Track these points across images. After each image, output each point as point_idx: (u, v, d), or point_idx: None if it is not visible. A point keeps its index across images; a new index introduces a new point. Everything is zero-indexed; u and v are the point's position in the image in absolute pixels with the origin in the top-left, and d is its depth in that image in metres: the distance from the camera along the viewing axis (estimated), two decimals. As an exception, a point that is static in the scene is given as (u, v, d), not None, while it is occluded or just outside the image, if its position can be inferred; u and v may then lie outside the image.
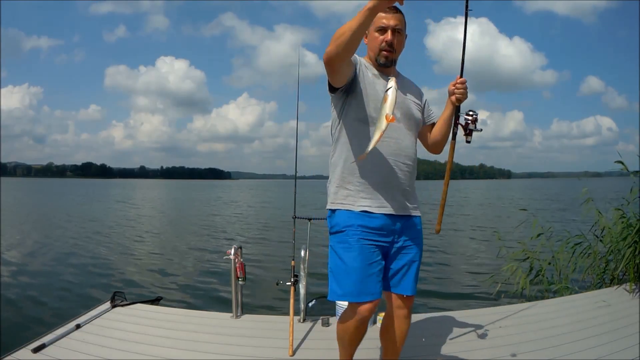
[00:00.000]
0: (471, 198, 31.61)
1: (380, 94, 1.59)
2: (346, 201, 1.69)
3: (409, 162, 1.74)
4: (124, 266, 6.95)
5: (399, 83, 1.66)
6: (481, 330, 2.53)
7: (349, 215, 1.68)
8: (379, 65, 1.73)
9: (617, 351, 2.17)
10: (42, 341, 2.31)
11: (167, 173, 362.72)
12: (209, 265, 7.06)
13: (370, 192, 1.68)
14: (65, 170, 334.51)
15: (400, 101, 1.65)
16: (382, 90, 1.58)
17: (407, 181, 1.74)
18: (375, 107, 1.63)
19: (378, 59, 1.72)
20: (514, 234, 7.74)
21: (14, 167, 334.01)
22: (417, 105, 1.81)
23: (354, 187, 1.69)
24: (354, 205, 1.67)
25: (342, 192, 1.70)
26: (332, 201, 1.73)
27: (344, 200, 1.69)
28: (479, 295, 5.00)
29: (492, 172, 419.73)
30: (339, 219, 1.69)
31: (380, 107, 1.52)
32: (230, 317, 2.84)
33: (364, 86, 1.67)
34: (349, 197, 1.69)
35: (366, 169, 1.67)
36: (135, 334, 2.53)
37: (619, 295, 3.11)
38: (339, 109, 1.71)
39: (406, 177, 1.73)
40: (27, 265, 6.90)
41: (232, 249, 2.89)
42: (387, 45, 1.69)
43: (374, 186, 1.68)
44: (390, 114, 1.48)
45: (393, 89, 1.50)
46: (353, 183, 1.69)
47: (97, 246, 8.86)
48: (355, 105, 1.66)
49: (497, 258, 5.50)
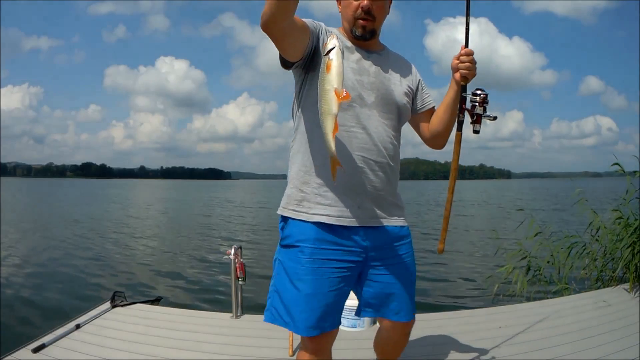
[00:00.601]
0: (470, 198, 31.62)
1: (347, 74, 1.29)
2: (300, 207, 1.36)
3: (383, 160, 1.38)
4: (124, 266, 6.95)
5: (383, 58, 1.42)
6: (482, 330, 2.53)
7: (303, 226, 1.34)
8: (356, 38, 1.38)
9: (617, 351, 2.16)
10: (42, 341, 2.31)
11: (167, 173, 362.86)
12: (209, 265, 7.06)
13: (329, 198, 1.34)
14: (65, 171, 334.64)
15: (375, 80, 1.37)
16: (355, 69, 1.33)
17: (382, 184, 1.38)
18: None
19: (353, 31, 1.37)
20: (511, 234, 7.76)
21: (14, 167, 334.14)
22: (406, 88, 1.45)
23: (310, 190, 1.35)
24: (309, 213, 1.34)
25: (297, 195, 1.37)
26: (285, 206, 1.40)
27: (297, 207, 1.36)
28: (478, 296, 5.00)
29: (492, 172, 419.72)
30: (291, 230, 1.36)
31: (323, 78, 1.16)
32: (230, 317, 2.84)
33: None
34: (304, 202, 1.36)
35: (326, 167, 1.28)
36: (135, 334, 2.53)
37: (619, 295, 3.10)
38: (298, 90, 1.38)
39: (379, 179, 1.37)
40: (27, 266, 6.89)
41: (232, 249, 2.89)
42: (364, 12, 1.34)
43: (335, 190, 1.34)
44: (340, 87, 1.12)
45: (336, 50, 1.12)
46: (310, 184, 1.36)
47: (97, 246, 8.86)
48: (316, 85, 1.25)
49: (495, 257, 5.51)
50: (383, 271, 1.42)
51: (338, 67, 1.12)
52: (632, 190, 3.67)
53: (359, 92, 1.35)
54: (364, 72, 1.38)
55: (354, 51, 1.39)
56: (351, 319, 2.61)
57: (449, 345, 2.34)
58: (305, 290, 1.30)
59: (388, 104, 1.40)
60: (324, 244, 1.33)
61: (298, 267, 1.33)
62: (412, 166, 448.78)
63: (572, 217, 10.83)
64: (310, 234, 1.33)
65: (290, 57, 1.27)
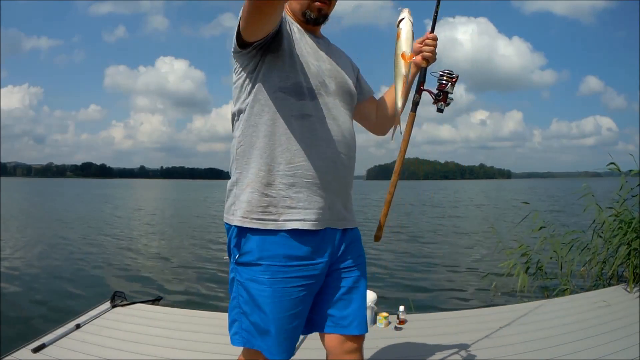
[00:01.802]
0: (471, 199, 31.63)
1: (308, 58, 1.21)
2: (266, 215, 1.15)
3: (350, 154, 1.27)
4: (124, 266, 6.95)
5: (329, 46, 1.34)
6: (481, 330, 2.53)
7: (271, 241, 1.16)
8: (307, 22, 1.26)
9: (617, 351, 2.17)
10: (42, 341, 2.31)
11: (167, 173, 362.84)
12: (209, 265, 7.05)
13: (301, 199, 1.16)
14: (65, 170, 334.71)
15: (331, 67, 1.28)
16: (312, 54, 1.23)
17: (349, 181, 1.28)
18: (305, 73, 1.19)
19: (307, 13, 1.24)
20: (510, 233, 7.76)
21: (14, 167, 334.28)
22: (352, 76, 1.39)
23: (276, 192, 1.15)
24: (278, 220, 1.15)
25: (260, 201, 1.15)
26: (244, 215, 1.16)
27: (263, 214, 1.15)
28: (478, 295, 5.00)
29: (492, 172, 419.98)
30: (253, 244, 1.16)
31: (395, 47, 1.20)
32: (230, 317, 2.84)
33: (290, 45, 1.18)
34: (270, 207, 1.15)
35: (296, 161, 1.16)
36: (135, 334, 2.53)
37: (619, 295, 3.11)
38: (250, 73, 1.18)
39: (347, 175, 1.26)
40: (27, 265, 6.89)
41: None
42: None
43: (308, 188, 1.17)
44: (408, 51, 1.17)
45: (405, 20, 1.19)
46: (275, 185, 1.16)
47: (97, 246, 8.86)
48: (278, 70, 1.16)
49: (495, 257, 5.51)
50: (341, 277, 1.28)
51: (407, 32, 1.17)
52: (627, 188, 3.69)
53: (322, 79, 1.24)
54: (320, 58, 1.27)
55: (305, 35, 1.26)
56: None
57: (449, 345, 2.34)
58: (274, 314, 1.16)
59: (345, 93, 1.31)
60: (292, 261, 1.16)
61: (263, 287, 1.15)
62: (412, 166, 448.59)
63: (571, 218, 10.86)
64: (278, 249, 1.15)
65: (251, 37, 1.10)
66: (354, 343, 1.27)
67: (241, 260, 1.18)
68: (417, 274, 6.18)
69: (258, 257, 1.16)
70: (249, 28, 1.06)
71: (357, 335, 1.26)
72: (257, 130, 1.17)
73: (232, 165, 1.23)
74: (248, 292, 1.18)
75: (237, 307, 1.23)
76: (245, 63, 1.18)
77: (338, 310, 1.26)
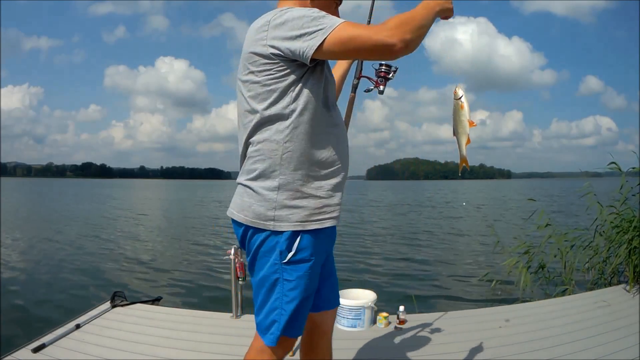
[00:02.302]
0: (470, 199, 31.64)
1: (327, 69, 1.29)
2: (322, 215, 1.23)
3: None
4: (124, 266, 6.95)
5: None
6: (481, 330, 2.54)
7: (322, 238, 1.26)
8: None
9: (617, 351, 2.17)
10: (42, 341, 2.31)
11: (167, 173, 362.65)
12: (209, 265, 7.05)
13: (337, 198, 1.28)
14: (65, 170, 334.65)
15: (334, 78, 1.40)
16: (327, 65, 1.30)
17: None
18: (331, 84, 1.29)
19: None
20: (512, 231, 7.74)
21: (14, 167, 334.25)
22: None
23: (325, 193, 1.24)
24: (329, 219, 1.26)
25: (316, 203, 1.22)
26: (302, 219, 1.21)
27: (319, 215, 1.23)
28: (478, 295, 5.00)
29: (492, 172, 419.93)
30: (307, 242, 1.22)
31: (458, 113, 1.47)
32: (230, 317, 2.84)
33: (326, 65, 1.28)
34: (325, 207, 1.24)
35: (335, 165, 1.26)
36: (135, 334, 2.53)
37: (619, 295, 3.11)
38: (296, 81, 1.20)
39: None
40: (27, 266, 6.90)
41: (232, 249, 2.89)
42: None
43: (340, 189, 1.30)
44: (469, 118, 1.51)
45: (464, 97, 1.50)
46: (324, 187, 1.24)
47: (97, 246, 8.86)
48: (320, 81, 1.23)
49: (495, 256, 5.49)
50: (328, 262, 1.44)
51: (467, 107, 1.47)
52: (627, 187, 3.69)
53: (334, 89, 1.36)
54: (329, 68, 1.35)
55: None
56: (351, 319, 2.61)
57: (449, 345, 2.35)
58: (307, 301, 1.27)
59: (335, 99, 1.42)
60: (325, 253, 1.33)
61: (309, 281, 1.24)
62: (412, 166, 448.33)
63: (570, 218, 10.86)
64: (324, 244, 1.28)
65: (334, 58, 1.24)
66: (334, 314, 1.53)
67: (294, 258, 1.21)
68: (417, 274, 6.18)
69: (311, 253, 1.23)
70: (352, 55, 1.29)
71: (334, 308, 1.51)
72: (305, 138, 1.21)
73: (271, 170, 1.21)
74: (298, 289, 1.23)
75: (279, 307, 1.25)
76: (292, 69, 1.19)
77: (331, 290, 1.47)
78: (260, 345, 1.29)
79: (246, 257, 1.31)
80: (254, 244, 1.24)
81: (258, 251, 1.24)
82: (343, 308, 2.62)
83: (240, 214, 1.25)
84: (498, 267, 5.20)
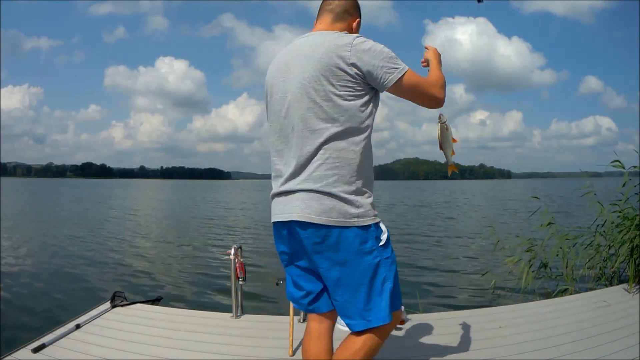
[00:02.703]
0: (469, 199, 31.64)
1: None
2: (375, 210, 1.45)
3: None
4: (124, 266, 6.95)
5: None
6: (481, 330, 2.53)
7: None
8: None
9: (617, 351, 2.17)
10: (42, 341, 2.31)
11: (167, 173, 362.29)
12: (209, 265, 7.06)
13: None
14: (65, 171, 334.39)
15: None
16: None
17: None
18: None
19: None
20: (513, 231, 7.74)
21: (14, 167, 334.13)
22: None
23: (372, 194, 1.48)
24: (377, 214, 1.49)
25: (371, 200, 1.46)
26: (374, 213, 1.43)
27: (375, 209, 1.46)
28: (478, 296, 5.00)
29: (492, 172, 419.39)
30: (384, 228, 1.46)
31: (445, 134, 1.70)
32: (230, 317, 2.84)
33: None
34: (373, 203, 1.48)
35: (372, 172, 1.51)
36: (135, 334, 2.54)
37: (619, 295, 3.11)
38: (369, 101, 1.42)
39: None
40: (27, 265, 6.90)
41: (232, 249, 2.89)
42: None
43: None
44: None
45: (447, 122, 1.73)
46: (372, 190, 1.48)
47: (97, 246, 8.86)
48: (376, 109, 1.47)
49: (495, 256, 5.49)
50: None
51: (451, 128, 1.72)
52: (629, 186, 3.69)
53: None
54: None
55: None
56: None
57: (449, 345, 2.35)
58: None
59: None
60: None
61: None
62: (412, 166, 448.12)
63: (570, 219, 10.86)
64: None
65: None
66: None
67: (386, 240, 1.43)
68: (417, 274, 6.18)
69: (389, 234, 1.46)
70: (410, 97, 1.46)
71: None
72: (370, 151, 1.45)
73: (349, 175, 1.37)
74: (395, 262, 1.45)
75: (389, 280, 1.42)
76: (366, 91, 1.40)
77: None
78: (366, 339, 1.40)
79: (326, 256, 1.38)
80: (345, 241, 1.36)
81: (351, 247, 1.36)
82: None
83: (322, 217, 1.34)
84: (499, 267, 5.20)
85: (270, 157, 1.51)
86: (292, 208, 1.38)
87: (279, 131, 1.45)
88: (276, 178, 1.47)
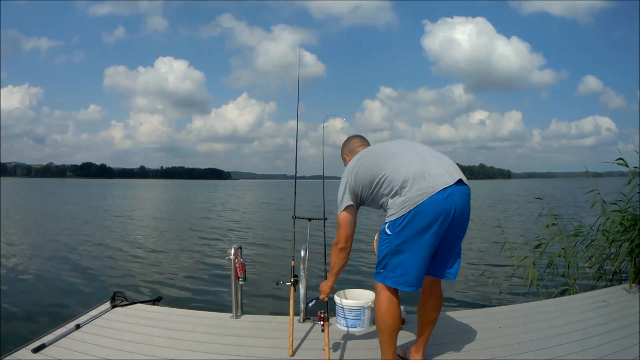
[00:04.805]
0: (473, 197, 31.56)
1: None
2: None
3: None
4: (124, 266, 6.95)
5: None
6: (481, 330, 2.53)
7: None
8: None
9: (617, 351, 2.16)
10: (42, 341, 2.31)
11: (167, 173, 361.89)
12: (209, 265, 7.06)
13: None
14: (65, 171, 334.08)
15: None
16: None
17: None
18: None
19: None
20: (513, 231, 7.73)
21: (14, 167, 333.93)
22: None
23: None
24: None
25: None
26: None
27: None
28: (478, 296, 5.00)
29: (491, 172, 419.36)
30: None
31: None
32: (230, 317, 2.84)
33: None
34: None
35: None
36: (135, 334, 2.53)
37: (619, 295, 3.10)
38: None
39: None
40: (27, 265, 6.90)
41: (232, 249, 2.89)
42: None
43: None
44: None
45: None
46: None
47: (97, 246, 8.86)
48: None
49: (495, 256, 5.47)
50: None
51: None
52: (632, 185, 3.68)
53: None
54: None
55: None
56: (351, 319, 2.61)
57: (449, 345, 2.35)
58: None
59: None
60: None
61: None
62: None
63: (572, 220, 10.84)
64: None
65: None
66: None
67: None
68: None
69: None
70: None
71: None
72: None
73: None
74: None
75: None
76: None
77: None
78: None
79: (463, 218, 2.22)
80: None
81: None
82: (343, 308, 2.63)
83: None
84: (499, 267, 5.19)
85: None
86: None
87: None
88: None
